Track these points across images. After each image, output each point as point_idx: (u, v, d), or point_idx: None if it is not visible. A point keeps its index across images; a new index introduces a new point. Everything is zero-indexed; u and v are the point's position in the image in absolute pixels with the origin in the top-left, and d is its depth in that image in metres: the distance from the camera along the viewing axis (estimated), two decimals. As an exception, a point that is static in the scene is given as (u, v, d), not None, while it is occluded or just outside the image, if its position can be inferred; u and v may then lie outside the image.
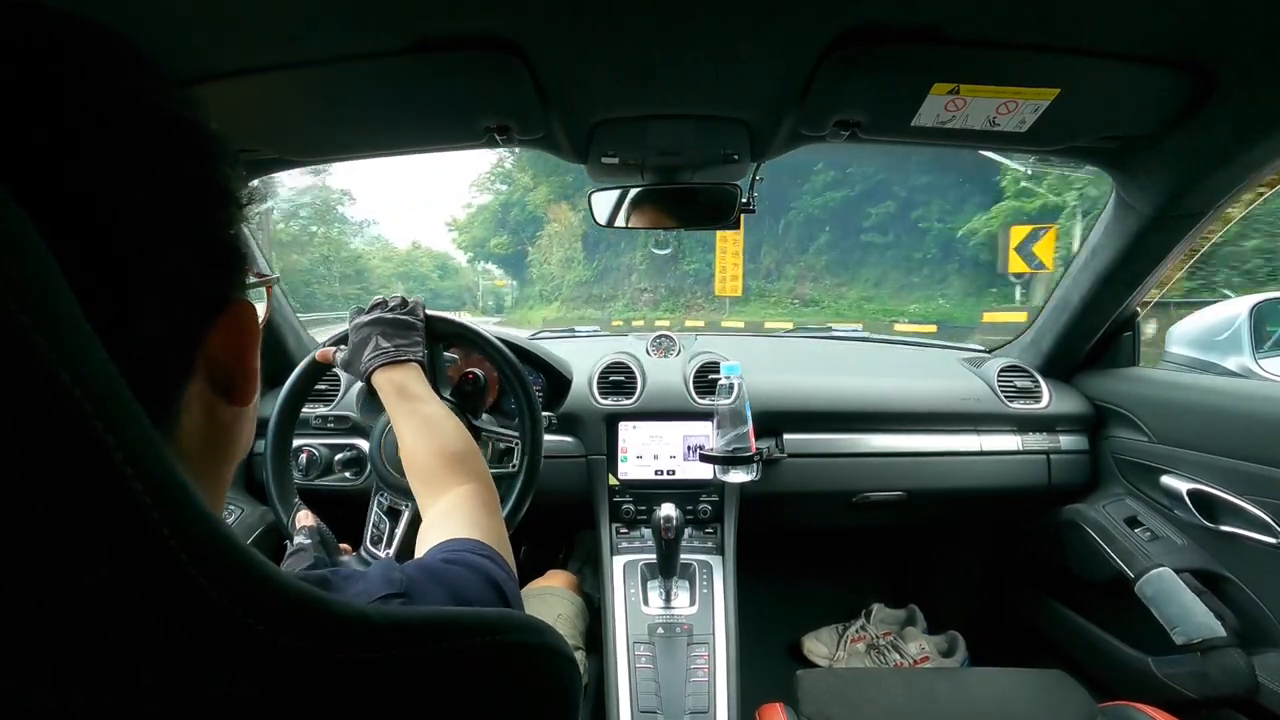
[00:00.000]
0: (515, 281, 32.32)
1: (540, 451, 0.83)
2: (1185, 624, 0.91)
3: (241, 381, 0.29)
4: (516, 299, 30.73)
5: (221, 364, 0.28)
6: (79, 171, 0.21)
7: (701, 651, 0.97)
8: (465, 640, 0.26)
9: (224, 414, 0.29)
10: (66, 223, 0.20)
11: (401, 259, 41.96)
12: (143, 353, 0.23)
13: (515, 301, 30.59)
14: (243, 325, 0.28)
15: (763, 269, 17.93)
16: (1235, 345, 1.05)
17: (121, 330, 0.21)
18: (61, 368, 0.17)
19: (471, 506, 0.53)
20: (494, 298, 36.99)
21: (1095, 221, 1.05)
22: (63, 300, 0.18)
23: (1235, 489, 0.91)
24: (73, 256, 0.19)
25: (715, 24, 0.59)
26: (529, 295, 25.25)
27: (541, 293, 21.22)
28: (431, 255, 43.16)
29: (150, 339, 0.23)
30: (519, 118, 0.76)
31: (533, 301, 23.55)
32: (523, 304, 27.10)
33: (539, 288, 22.55)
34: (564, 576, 1.14)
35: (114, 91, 0.23)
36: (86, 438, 0.18)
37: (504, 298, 34.62)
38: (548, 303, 20.40)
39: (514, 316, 25.26)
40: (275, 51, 0.61)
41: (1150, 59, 0.63)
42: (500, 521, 0.54)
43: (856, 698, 0.87)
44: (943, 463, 1.16)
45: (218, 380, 0.28)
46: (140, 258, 0.22)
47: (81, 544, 0.18)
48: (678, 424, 1.15)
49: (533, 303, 23.33)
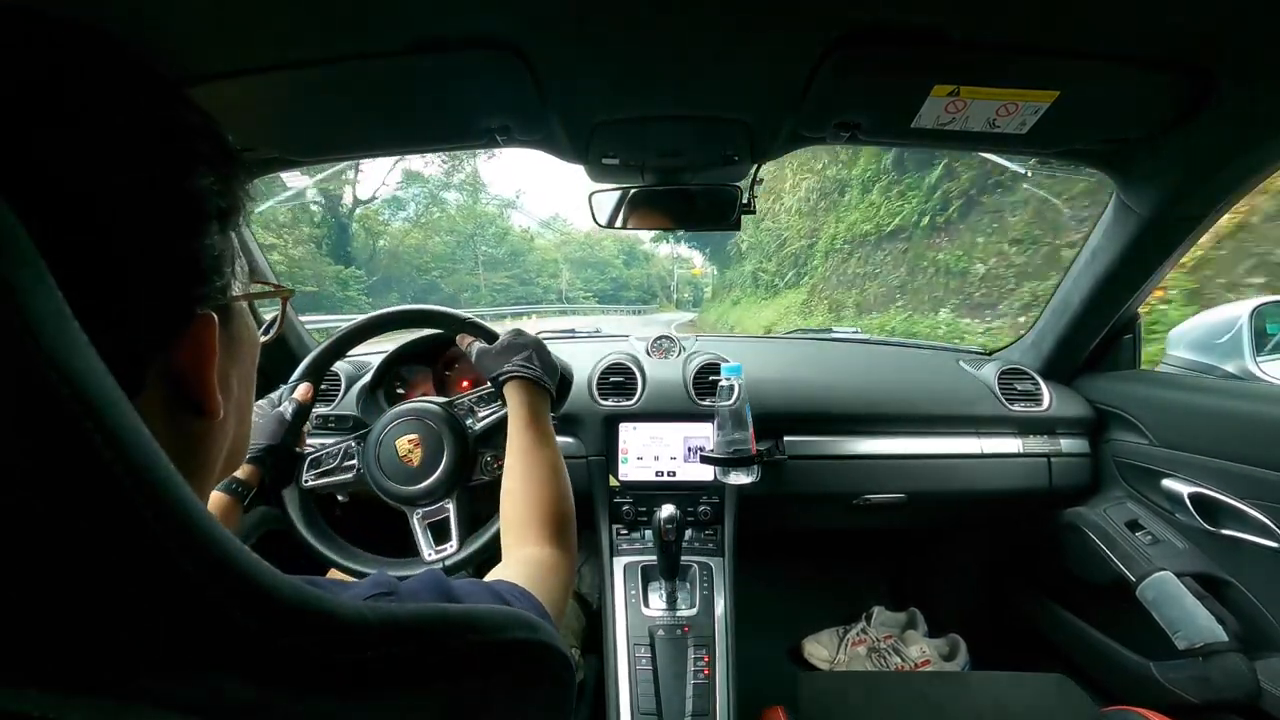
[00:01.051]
0: (714, 267, 26.12)
1: None
2: (1187, 628, 0.90)
3: (204, 396, 0.28)
4: (716, 288, 24.03)
5: (184, 378, 0.27)
6: (37, 172, 0.20)
7: (702, 654, 0.96)
8: (458, 638, 0.26)
9: (193, 426, 0.29)
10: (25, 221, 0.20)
11: (580, 243, 38.15)
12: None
13: (715, 291, 23.54)
14: (202, 340, 0.27)
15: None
16: (1236, 348, 1.05)
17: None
18: (50, 368, 0.17)
19: (544, 571, 0.49)
20: (691, 288, 32.75)
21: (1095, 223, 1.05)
22: (52, 301, 0.18)
23: (1237, 492, 0.90)
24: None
25: (715, 25, 0.59)
26: (735, 281, 18.44)
27: (759, 277, 14.47)
28: (617, 239, 38.09)
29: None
30: (519, 118, 0.76)
31: (738, 293, 17.15)
32: (722, 294, 20.71)
33: (751, 267, 15.34)
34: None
35: (80, 93, 0.22)
36: (77, 438, 0.18)
37: (702, 288, 30.47)
38: (769, 293, 13.48)
39: (712, 313, 18.74)
40: (275, 50, 0.61)
41: (1150, 61, 0.63)
42: (565, 597, 0.50)
43: (857, 701, 0.87)
44: (943, 465, 1.16)
45: (181, 393, 0.27)
46: (94, 263, 0.22)
47: (79, 544, 0.18)
48: (678, 425, 1.15)
49: (738, 294, 16.93)
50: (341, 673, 0.22)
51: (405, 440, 0.82)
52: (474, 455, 0.85)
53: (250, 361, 0.35)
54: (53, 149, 0.21)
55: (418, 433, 0.82)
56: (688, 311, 25.36)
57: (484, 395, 0.87)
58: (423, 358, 1.11)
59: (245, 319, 0.34)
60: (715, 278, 26.76)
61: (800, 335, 1.71)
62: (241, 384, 0.34)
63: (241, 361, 0.34)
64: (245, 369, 0.34)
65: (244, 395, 0.35)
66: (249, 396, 0.36)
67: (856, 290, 8.74)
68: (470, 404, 0.87)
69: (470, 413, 0.87)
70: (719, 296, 21.28)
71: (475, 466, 0.85)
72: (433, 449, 0.82)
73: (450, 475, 0.82)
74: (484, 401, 0.87)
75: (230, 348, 0.32)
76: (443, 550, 0.81)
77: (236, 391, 0.33)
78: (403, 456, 0.82)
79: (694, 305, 29.04)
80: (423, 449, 0.82)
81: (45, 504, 0.17)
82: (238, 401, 0.34)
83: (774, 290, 13.49)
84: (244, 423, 0.35)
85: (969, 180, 6.37)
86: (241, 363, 0.34)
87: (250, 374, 0.36)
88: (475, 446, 0.85)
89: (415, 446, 0.82)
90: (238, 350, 0.33)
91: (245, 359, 0.34)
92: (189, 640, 0.19)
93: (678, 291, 33.21)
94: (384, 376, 1.05)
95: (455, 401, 0.87)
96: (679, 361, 1.25)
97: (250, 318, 0.35)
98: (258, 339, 0.36)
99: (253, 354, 0.36)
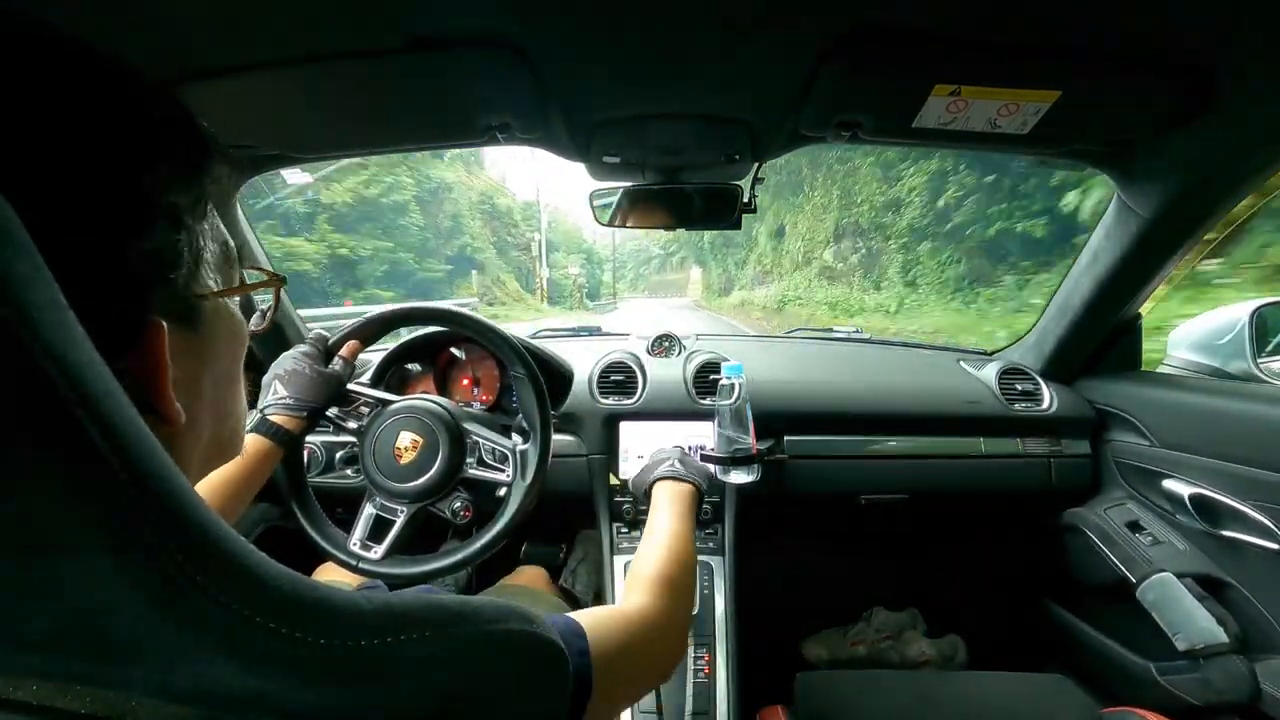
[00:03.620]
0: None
1: (548, 451, 0.83)
2: (1187, 630, 0.90)
3: (162, 405, 0.27)
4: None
5: (140, 386, 0.26)
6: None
7: (702, 653, 0.96)
8: (455, 629, 0.26)
9: (159, 433, 0.27)
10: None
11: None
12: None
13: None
14: (152, 349, 0.26)
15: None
16: (1237, 349, 1.05)
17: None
18: (47, 359, 0.17)
19: (629, 621, 0.47)
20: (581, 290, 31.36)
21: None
22: (49, 291, 0.18)
23: (1237, 494, 0.90)
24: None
25: (716, 24, 0.59)
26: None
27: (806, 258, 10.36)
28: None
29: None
30: (519, 116, 0.76)
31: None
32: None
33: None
34: (534, 573, 1.14)
35: (19, 89, 0.22)
36: (73, 429, 0.18)
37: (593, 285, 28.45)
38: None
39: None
40: (274, 48, 0.61)
41: (1151, 62, 0.63)
42: (637, 643, 0.46)
43: (856, 701, 0.87)
44: (944, 465, 1.16)
45: (140, 401, 0.26)
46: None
47: (77, 538, 0.18)
48: (679, 424, 1.15)
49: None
50: (338, 662, 0.22)
51: (407, 435, 0.82)
52: (453, 489, 0.84)
53: (231, 359, 0.33)
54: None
55: (421, 435, 0.82)
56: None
57: (500, 451, 0.85)
58: (424, 355, 1.11)
59: (222, 316, 0.32)
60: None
61: (801, 335, 1.71)
62: (219, 383, 0.32)
63: (216, 361, 0.32)
64: (223, 368, 0.33)
65: (223, 394, 0.33)
66: (230, 394, 0.34)
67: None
68: (484, 449, 0.85)
69: (477, 452, 0.85)
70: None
71: (446, 499, 0.85)
72: (425, 457, 0.82)
73: (424, 490, 0.81)
74: (495, 457, 0.86)
75: (199, 349, 0.30)
76: (369, 549, 0.81)
77: (210, 393, 0.32)
78: (398, 449, 0.82)
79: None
80: (417, 452, 0.82)
81: (46, 496, 0.17)
82: (213, 402, 0.32)
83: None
84: (224, 421, 0.34)
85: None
86: (216, 362, 0.32)
87: (231, 371, 0.34)
88: (459, 483, 0.85)
89: (413, 446, 0.82)
90: (210, 351, 0.31)
91: (222, 357, 0.32)
92: (185, 629, 0.19)
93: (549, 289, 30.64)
94: (385, 373, 1.05)
95: (473, 434, 0.85)
96: (679, 360, 1.25)
97: (231, 314, 0.33)
98: (243, 333, 0.35)
99: (234, 351, 0.34)
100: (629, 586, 0.57)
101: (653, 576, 0.57)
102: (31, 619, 0.18)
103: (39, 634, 0.18)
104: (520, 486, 0.82)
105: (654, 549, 0.62)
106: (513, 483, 0.83)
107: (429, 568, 0.80)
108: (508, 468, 0.85)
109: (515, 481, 0.83)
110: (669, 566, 0.59)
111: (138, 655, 0.19)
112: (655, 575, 0.57)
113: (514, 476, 0.84)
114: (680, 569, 0.60)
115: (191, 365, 0.29)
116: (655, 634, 0.49)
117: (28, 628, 0.18)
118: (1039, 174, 6.82)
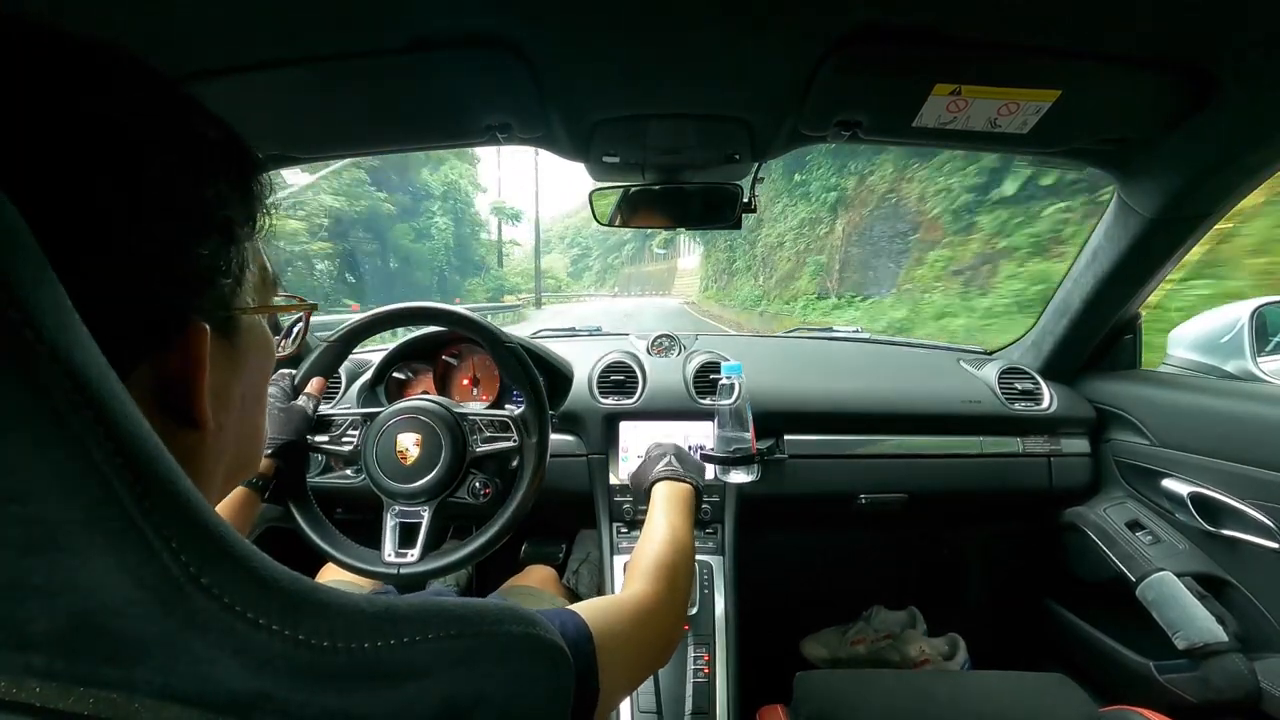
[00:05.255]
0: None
1: (546, 449, 0.83)
2: (1187, 628, 0.90)
3: (191, 406, 0.27)
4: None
5: (172, 386, 0.27)
6: (35, 173, 0.21)
7: (702, 652, 0.96)
8: (456, 631, 0.26)
9: (184, 439, 0.28)
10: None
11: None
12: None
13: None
14: (191, 351, 0.27)
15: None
16: (1236, 348, 1.05)
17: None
18: (52, 361, 0.17)
19: (626, 607, 0.47)
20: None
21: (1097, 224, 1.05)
22: (54, 294, 0.18)
23: (1237, 493, 0.90)
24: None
25: (716, 24, 0.59)
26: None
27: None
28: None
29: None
30: (519, 116, 0.76)
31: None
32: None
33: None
34: (543, 573, 1.14)
35: (92, 103, 0.23)
36: (76, 430, 0.18)
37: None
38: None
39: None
40: (275, 48, 0.61)
41: (1151, 61, 0.63)
42: (640, 630, 0.47)
43: (856, 700, 0.87)
44: (944, 465, 1.16)
45: (168, 404, 0.27)
46: (89, 263, 0.22)
47: (80, 538, 0.18)
48: (678, 424, 1.15)
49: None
50: (340, 664, 0.22)
51: (406, 437, 0.82)
52: (466, 473, 0.84)
53: (260, 376, 0.34)
54: (62, 153, 0.21)
55: (419, 432, 0.82)
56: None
57: (498, 421, 0.86)
58: (423, 355, 1.11)
59: (256, 332, 0.33)
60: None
61: (801, 334, 1.71)
62: (248, 397, 0.33)
63: (247, 375, 0.32)
64: (253, 383, 0.33)
65: (250, 408, 0.34)
66: (256, 410, 0.35)
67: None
68: (482, 424, 0.86)
69: (478, 430, 0.86)
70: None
71: (463, 484, 0.85)
72: (430, 452, 0.82)
73: (439, 483, 0.81)
74: (495, 427, 0.86)
75: (234, 360, 0.31)
76: (404, 555, 0.81)
77: (240, 405, 0.32)
78: (400, 452, 0.82)
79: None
80: (421, 449, 0.82)
81: (49, 496, 0.17)
82: (241, 415, 0.33)
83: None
84: (250, 438, 0.34)
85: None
86: (247, 376, 0.32)
87: (259, 388, 0.35)
88: (470, 465, 0.84)
89: (415, 445, 0.82)
90: (243, 363, 0.32)
91: (253, 372, 0.33)
92: (188, 630, 0.19)
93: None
94: (384, 374, 1.05)
95: (467, 415, 0.86)
96: (679, 360, 1.25)
97: (264, 331, 0.34)
98: (273, 352, 0.35)
99: (264, 368, 0.34)
100: (628, 578, 0.58)
101: (650, 565, 0.58)
102: (34, 619, 0.18)
103: (42, 635, 0.18)
104: (530, 447, 0.82)
105: (652, 543, 0.63)
106: (522, 445, 0.83)
107: (438, 565, 0.80)
108: (512, 432, 0.85)
109: (525, 443, 0.83)
110: (666, 555, 0.60)
111: (141, 656, 0.19)
112: (653, 564, 0.58)
113: (521, 439, 0.83)
114: (678, 556, 0.61)
115: (225, 375, 0.30)
116: (653, 618, 0.51)
117: (30, 628, 0.18)
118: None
